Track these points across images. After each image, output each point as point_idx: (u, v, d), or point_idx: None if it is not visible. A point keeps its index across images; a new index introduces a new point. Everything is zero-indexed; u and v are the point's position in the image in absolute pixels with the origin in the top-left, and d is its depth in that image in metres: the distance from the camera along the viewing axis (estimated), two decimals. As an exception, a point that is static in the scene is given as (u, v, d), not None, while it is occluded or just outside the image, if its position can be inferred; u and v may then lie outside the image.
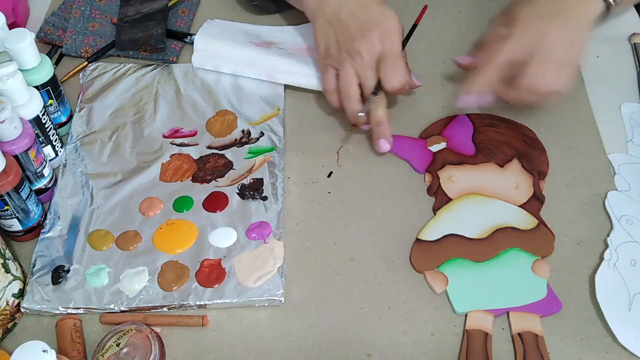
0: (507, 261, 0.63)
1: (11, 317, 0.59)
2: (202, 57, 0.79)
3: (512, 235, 0.65)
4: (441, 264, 0.63)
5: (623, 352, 0.58)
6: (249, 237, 0.64)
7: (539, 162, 0.71)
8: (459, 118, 0.75)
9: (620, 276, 0.62)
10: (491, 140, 0.73)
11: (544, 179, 0.70)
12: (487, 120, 0.75)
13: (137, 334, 0.56)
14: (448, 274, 0.62)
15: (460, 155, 0.71)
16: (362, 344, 0.59)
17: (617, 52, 0.83)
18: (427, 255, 0.64)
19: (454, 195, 0.68)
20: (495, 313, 0.60)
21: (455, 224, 0.66)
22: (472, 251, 0.64)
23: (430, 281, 0.62)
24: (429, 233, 0.65)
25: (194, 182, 0.69)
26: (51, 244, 0.64)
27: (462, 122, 0.74)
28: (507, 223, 0.66)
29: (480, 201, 0.68)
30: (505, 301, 0.60)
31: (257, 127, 0.74)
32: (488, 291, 0.61)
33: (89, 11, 0.85)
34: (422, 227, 0.66)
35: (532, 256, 0.63)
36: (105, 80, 0.78)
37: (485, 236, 0.65)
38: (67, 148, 0.71)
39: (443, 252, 0.64)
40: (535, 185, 0.69)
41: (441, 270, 0.63)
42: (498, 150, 0.72)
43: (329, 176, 0.71)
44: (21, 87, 0.63)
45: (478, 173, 0.70)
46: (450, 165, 0.71)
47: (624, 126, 0.75)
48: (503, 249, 0.64)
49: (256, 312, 0.61)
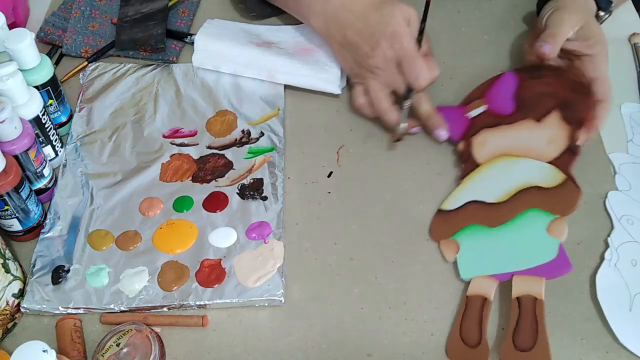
0: (523, 223, 0.60)
1: (11, 317, 0.59)
2: (203, 56, 0.79)
3: (534, 195, 0.61)
4: (456, 232, 0.61)
5: (623, 352, 0.58)
6: (249, 237, 0.64)
7: (582, 108, 0.66)
8: (504, 76, 0.71)
9: (621, 276, 0.62)
10: (533, 93, 0.68)
11: (581, 127, 0.65)
12: (535, 72, 0.70)
13: (137, 334, 0.56)
14: (461, 241, 0.60)
15: (498, 116, 0.68)
16: (362, 344, 0.59)
17: (617, 52, 0.82)
18: (445, 225, 0.62)
19: (483, 160, 0.65)
20: (500, 278, 0.58)
21: (478, 191, 0.63)
22: (489, 216, 0.61)
23: (442, 249, 0.61)
24: (450, 202, 0.64)
25: (194, 182, 0.69)
26: (51, 244, 0.64)
27: (506, 80, 0.71)
28: (530, 182, 0.62)
29: (507, 163, 0.64)
30: (512, 265, 0.57)
31: (257, 127, 0.74)
32: (496, 255, 0.59)
33: (89, 11, 0.85)
34: (442, 202, 0.65)
35: (550, 215, 0.59)
36: (105, 80, 0.78)
37: (506, 199, 0.62)
38: (67, 148, 0.71)
39: (460, 220, 0.62)
40: (571, 136, 0.65)
41: (455, 238, 0.61)
42: (538, 104, 0.67)
43: (329, 176, 0.71)
44: (21, 87, 0.63)
45: (512, 133, 0.66)
46: (486, 129, 0.68)
47: (624, 126, 0.75)
48: (521, 210, 0.61)
49: (256, 312, 0.61)
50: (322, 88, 0.76)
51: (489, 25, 0.86)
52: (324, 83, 0.76)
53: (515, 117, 0.68)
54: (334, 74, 0.76)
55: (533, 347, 0.55)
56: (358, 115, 0.76)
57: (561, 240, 0.59)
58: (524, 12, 0.87)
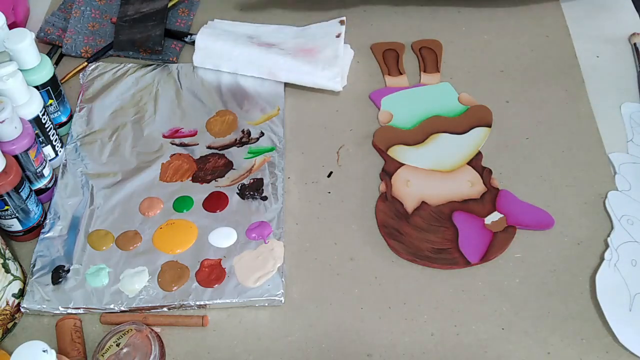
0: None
1: (11, 317, 0.59)
2: (203, 55, 0.79)
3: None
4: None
5: (623, 351, 0.58)
6: (249, 237, 0.64)
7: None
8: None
9: (621, 276, 0.62)
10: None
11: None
12: None
13: (137, 334, 0.56)
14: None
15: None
16: (362, 344, 0.59)
17: (617, 52, 0.83)
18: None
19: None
20: None
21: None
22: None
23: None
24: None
25: (194, 182, 0.69)
26: (51, 244, 0.64)
27: None
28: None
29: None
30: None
31: (257, 127, 0.74)
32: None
33: (88, 11, 0.85)
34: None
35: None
36: (105, 80, 0.78)
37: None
38: (67, 148, 0.71)
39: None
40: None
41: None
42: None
43: (329, 176, 0.71)
44: (21, 87, 0.63)
45: (433, 178, 0.70)
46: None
47: (624, 126, 0.75)
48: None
49: (256, 312, 0.61)
50: (323, 85, 0.76)
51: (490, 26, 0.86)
52: (326, 80, 0.76)
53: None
54: (336, 72, 0.76)
55: None
56: (358, 115, 0.76)
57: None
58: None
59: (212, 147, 0.72)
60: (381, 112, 0.76)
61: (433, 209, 0.67)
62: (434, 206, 0.67)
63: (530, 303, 0.61)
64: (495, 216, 0.66)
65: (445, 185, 0.69)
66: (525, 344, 0.59)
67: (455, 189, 0.69)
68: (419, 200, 0.68)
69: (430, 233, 0.65)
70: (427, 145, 0.73)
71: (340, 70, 0.76)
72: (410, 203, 0.67)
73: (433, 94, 0.78)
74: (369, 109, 0.77)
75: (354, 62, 0.81)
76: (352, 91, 0.78)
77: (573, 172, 0.70)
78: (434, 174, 0.70)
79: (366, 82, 0.79)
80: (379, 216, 0.67)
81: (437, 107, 0.76)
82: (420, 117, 0.75)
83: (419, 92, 0.78)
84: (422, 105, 0.76)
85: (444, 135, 0.73)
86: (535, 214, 0.66)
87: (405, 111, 0.76)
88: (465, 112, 0.75)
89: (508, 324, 0.60)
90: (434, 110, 0.76)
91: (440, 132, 0.74)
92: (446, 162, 0.71)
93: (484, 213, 0.66)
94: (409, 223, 0.66)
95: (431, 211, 0.67)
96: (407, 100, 0.77)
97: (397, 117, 0.75)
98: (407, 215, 0.66)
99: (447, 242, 0.65)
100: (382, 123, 0.75)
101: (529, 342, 0.59)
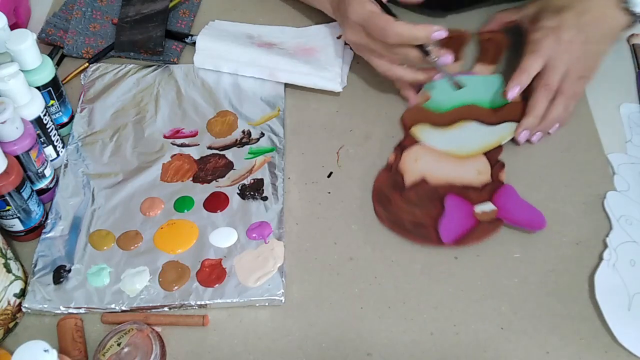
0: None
1: (12, 316, 0.59)
2: (204, 56, 0.79)
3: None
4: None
5: (622, 351, 0.58)
6: (250, 237, 0.64)
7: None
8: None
9: (620, 276, 0.62)
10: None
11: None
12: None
13: (138, 333, 0.56)
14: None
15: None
16: (362, 343, 0.59)
17: (617, 53, 0.83)
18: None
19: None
20: None
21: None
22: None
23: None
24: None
25: (195, 182, 0.69)
26: (52, 244, 0.64)
27: None
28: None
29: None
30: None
31: (258, 127, 0.74)
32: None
33: (90, 12, 0.85)
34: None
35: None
36: (107, 81, 0.79)
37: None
38: (68, 148, 0.72)
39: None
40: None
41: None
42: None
43: (329, 176, 0.71)
44: (23, 87, 0.63)
45: (443, 160, 0.71)
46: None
47: (623, 127, 0.75)
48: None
49: (256, 311, 0.61)
50: (323, 86, 0.76)
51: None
52: (326, 81, 0.76)
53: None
54: (335, 73, 0.76)
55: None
56: (358, 115, 0.76)
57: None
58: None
59: (213, 147, 0.72)
60: (421, 92, 0.77)
61: (430, 188, 0.68)
62: (431, 185, 0.68)
63: (530, 303, 0.61)
64: (487, 206, 0.66)
65: (452, 169, 0.69)
66: (525, 343, 0.59)
67: (459, 174, 0.69)
68: (420, 176, 0.68)
69: (417, 208, 0.66)
70: (452, 129, 0.73)
71: (340, 71, 0.77)
72: (411, 177, 0.68)
73: (478, 84, 0.77)
74: (369, 110, 0.77)
75: (354, 62, 0.81)
76: (352, 91, 0.78)
77: (572, 173, 0.71)
78: (447, 157, 0.70)
79: (366, 83, 0.79)
80: (376, 183, 0.68)
81: (477, 96, 0.76)
82: (456, 104, 0.75)
83: (465, 79, 0.77)
84: (463, 92, 0.75)
85: (473, 123, 0.74)
86: (528, 213, 0.66)
87: (444, 95, 0.76)
88: (503, 106, 0.74)
89: (507, 323, 0.60)
90: (472, 99, 0.76)
91: (471, 119, 0.74)
92: (464, 148, 0.71)
93: (477, 201, 0.67)
94: (401, 195, 0.67)
95: (427, 189, 0.68)
96: (449, 85, 0.76)
97: (434, 99, 0.76)
98: (403, 188, 0.67)
99: (429, 219, 0.65)
100: (418, 103, 0.76)
101: (528, 341, 0.59)
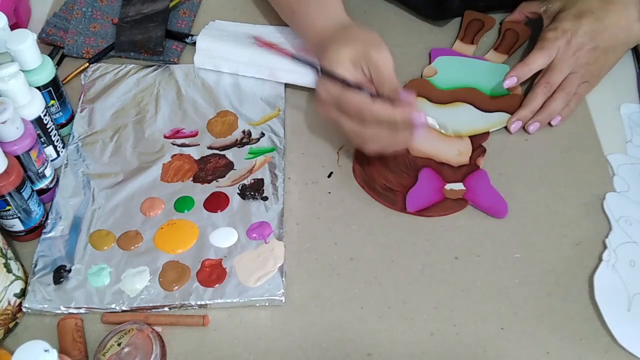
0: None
1: (13, 316, 0.59)
2: (204, 56, 0.79)
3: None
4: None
5: (622, 352, 0.58)
6: (250, 237, 0.64)
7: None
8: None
9: (619, 277, 0.62)
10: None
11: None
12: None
13: (139, 333, 0.56)
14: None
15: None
16: (362, 343, 0.59)
17: (617, 53, 0.83)
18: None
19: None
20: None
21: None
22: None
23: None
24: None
25: (195, 182, 0.69)
26: (53, 244, 0.64)
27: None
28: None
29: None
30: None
31: (258, 127, 0.74)
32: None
33: (90, 12, 0.85)
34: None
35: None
36: (107, 81, 0.79)
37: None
38: (68, 148, 0.72)
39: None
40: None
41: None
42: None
43: (329, 176, 0.71)
44: (23, 87, 0.63)
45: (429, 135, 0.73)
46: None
47: (623, 127, 0.75)
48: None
49: (257, 311, 0.61)
50: None
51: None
52: None
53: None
54: None
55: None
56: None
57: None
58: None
59: (213, 147, 0.72)
60: (430, 66, 0.79)
61: (410, 157, 0.71)
62: (412, 155, 0.70)
63: (530, 303, 0.61)
64: (456, 185, 0.68)
65: (435, 145, 0.72)
66: (525, 343, 0.59)
67: (440, 150, 0.71)
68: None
69: (392, 174, 0.69)
70: (447, 108, 0.75)
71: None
72: None
73: (485, 70, 0.79)
74: (369, 110, 0.77)
75: (354, 63, 0.81)
76: (352, 92, 0.78)
77: (571, 173, 0.71)
78: (434, 133, 0.72)
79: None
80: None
81: (480, 81, 0.77)
82: (458, 84, 0.77)
83: (473, 63, 0.79)
84: (469, 75, 0.77)
85: (468, 106, 0.75)
86: (493, 199, 0.68)
87: (449, 74, 0.78)
88: (502, 96, 0.76)
89: (507, 323, 0.60)
90: (475, 83, 0.77)
91: (467, 102, 0.75)
92: (453, 128, 0.72)
93: (450, 180, 0.69)
94: (381, 159, 0.69)
95: (407, 159, 0.70)
96: (458, 65, 0.78)
97: (439, 76, 0.78)
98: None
99: (400, 186, 0.69)
100: (424, 75, 0.78)
101: (528, 342, 0.59)
